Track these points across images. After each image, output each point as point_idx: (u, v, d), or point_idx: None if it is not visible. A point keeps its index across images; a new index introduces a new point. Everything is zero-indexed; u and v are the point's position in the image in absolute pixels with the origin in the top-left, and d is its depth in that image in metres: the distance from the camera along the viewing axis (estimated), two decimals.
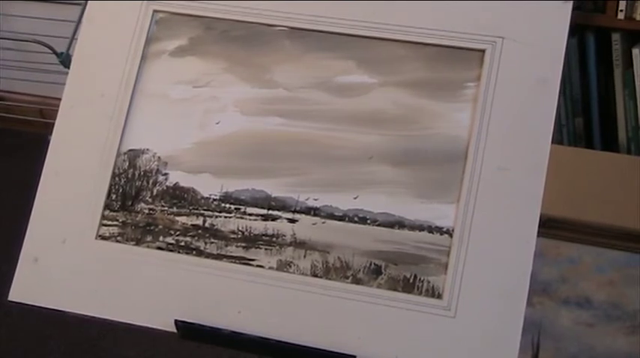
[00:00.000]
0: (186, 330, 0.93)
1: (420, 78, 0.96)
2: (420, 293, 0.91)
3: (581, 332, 1.39)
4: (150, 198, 0.99)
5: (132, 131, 1.00)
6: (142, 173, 0.99)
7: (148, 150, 1.00)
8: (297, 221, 0.95)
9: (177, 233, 0.97)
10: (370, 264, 0.92)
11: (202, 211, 0.97)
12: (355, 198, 0.94)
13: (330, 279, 0.93)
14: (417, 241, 0.92)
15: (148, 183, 0.99)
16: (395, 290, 0.91)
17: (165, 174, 0.99)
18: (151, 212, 0.98)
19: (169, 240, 0.97)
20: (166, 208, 0.98)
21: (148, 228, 0.98)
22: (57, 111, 1.02)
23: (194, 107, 1.00)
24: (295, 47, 0.99)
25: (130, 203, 0.99)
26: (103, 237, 0.98)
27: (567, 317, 1.40)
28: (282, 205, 0.95)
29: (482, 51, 0.95)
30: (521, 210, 0.90)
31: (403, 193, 0.93)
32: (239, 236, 0.96)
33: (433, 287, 0.90)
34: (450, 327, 0.89)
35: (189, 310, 0.94)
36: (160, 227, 0.98)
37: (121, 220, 0.99)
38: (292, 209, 0.95)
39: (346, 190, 0.94)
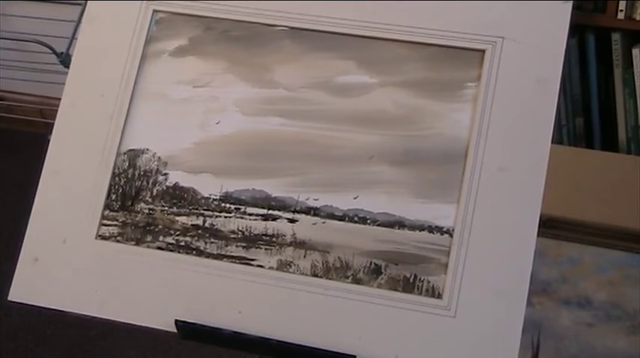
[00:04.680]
0: (187, 330, 0.93)
1: (420, 78, 0.96)
2: (420, 293, 0.90)
3: (581, 332, 1.38)
4: (150, 198, 0.99)
5: (132, 131, 1.00)
6: (142, 173, 0.99)
7: (147, 150, 1.00)
8: (297, 221, 0.95)
9: (177, 233, 0.97)
10: (370, 264, 0.92)
11: (202, 211, 0.97)
12: (355, 198, 0.94)
13: (330, 279, 0.93)
14: (417, 241, 0.92)
15: (147, 183, 0.99)
16: (395, 290, 0.91)
17: (165, 174, 0.99)
18: (150, 212, 0.98)
19: (169, 240, 0.97)
20: (166, 208, 0.98)
21: (147, 228, 0.98)
22: (57, 111, 1.02)
23: (194, 107, 1.00)
24: (295, 47, 0.99)
25: (129, 203, 0.99)
26: (103, 237, 0.98)
27: (567, 317, 1.40)
28: (282, 205, 0.95)
29: (483, 51, 0.95)
30: (521, 210, 0.90)
31: (403, 193, 0.93)
32: (239, 236, 0.96)
33: (433, 287, 0.90)
34: (450, 327, 0.89)
35: (190, 310, 0.94)
36: (160, 227, 0.98)
37: (120, 220, 0.99)
38: (292, 209, 0.95)
39: (346, 190, 0.94)
